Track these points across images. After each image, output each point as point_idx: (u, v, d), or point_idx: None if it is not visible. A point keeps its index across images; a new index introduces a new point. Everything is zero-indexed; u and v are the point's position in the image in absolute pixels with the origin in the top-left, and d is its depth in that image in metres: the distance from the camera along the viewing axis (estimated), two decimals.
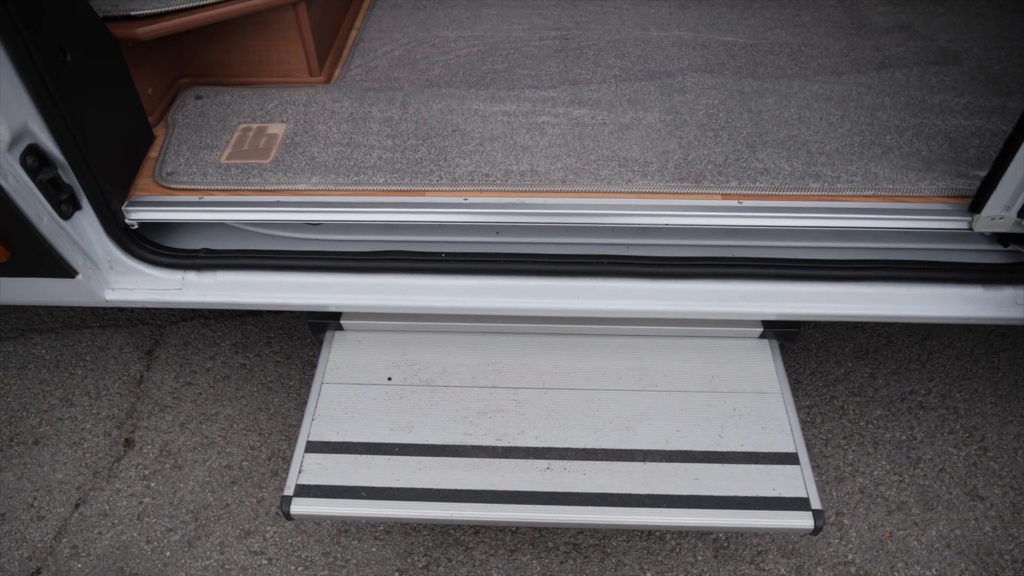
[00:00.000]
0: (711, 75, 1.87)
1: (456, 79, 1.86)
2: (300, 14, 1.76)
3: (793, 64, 1.92)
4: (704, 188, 1.52)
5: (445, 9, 2.17)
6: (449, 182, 1.54)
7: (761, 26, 2.09)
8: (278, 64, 1.86)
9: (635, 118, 1.71)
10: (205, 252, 1.63)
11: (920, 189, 1.53)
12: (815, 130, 1.68)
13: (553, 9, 2.16)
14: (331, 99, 1.80)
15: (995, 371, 2.23)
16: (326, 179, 1.56)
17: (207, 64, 1.88)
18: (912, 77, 1.89)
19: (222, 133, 1.71)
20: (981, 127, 1.71)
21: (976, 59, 1.97)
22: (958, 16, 2.17)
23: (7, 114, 1.32)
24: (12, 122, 1.33)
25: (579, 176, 1.54)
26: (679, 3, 2.20)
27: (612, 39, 2.02)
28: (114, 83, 1.55)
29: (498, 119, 1.71)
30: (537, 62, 1.92)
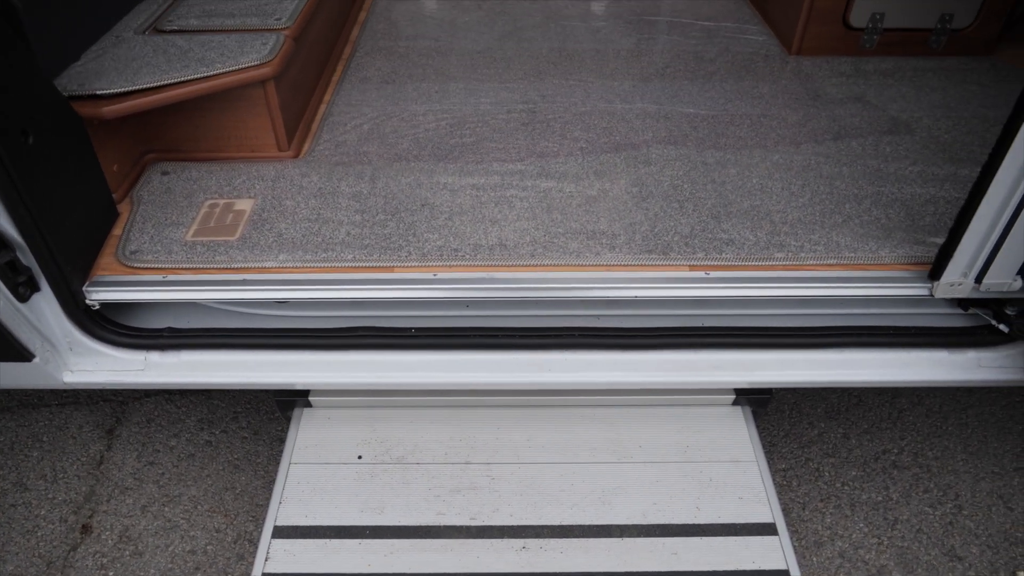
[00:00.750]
0: (675, 146, 1.91)
1: (425, 153, 1.87)
2: (269, 91, 1.78)
3: (753, 135, 1.98)
4: (671, 260, 1.53)
5: (414, 83, 2.21)
6: (418, 257, 1.54)
7: (721, 98, 2.15)
8: (246, 140, 1.87)
9: (602, 190, 1.74)
10: (169, 331, 1.60)
11: (880, 257, 1.57)
12: (777, 200, 1.72)
13: (520, 83, 2.21)
14: (299, 174, 1.80)
15: (964, 427, 2.25)
16: (294, 256, 1.55)
17: (174, 140, 1.88)
18: (867, 146, 1.95)
19: (188, 209, 1.70)
20: (935, 195, 1.76)
21: (926, 128, 2.05)
22: (907, 87, 2.26)
23: None
24: None
25: (548, 250, 1.55)
26: (642, 76, 2.26)
27: (578, 112, 2.06)
28: (78, 162, 1.53)
29: (467, 192, 1.73)
30: (505, 135, 1.95)
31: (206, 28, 1.89)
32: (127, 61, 1.73)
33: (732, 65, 2.35)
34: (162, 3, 2.04)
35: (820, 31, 2.42)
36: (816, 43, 2.44)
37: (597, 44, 2.46)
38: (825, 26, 2.41)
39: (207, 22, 1.91)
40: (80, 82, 1.65)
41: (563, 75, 2.26)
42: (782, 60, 2.40)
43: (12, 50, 1.35)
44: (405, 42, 2.47)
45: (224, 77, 1.70)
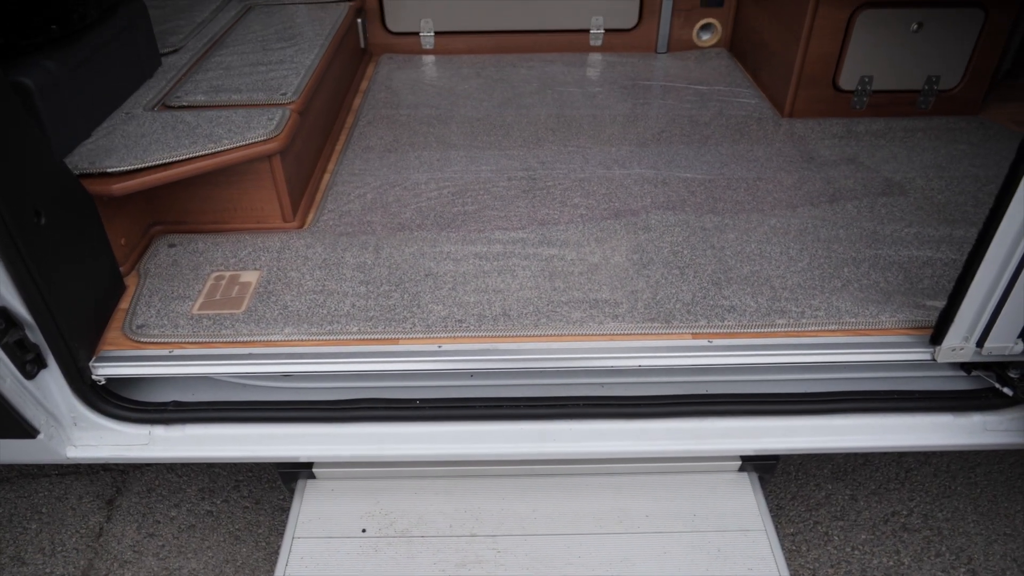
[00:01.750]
0: (673, 212, 1.94)
1: (428, 222, 1.90)
2: (275, 165, 1.82)
3: (750, 199, 2.01)
4: (674, 328, 1.55)
5: (416, 151, 2.25)
6: (423, 329, 1.55)
7: (717, 162, 2.20)
8: (252, 211, 1.90)
9: (603, 257, 1.76)
10: (174, 405, 1.60)
11: (881, 322, 1.58)
12: (776, 265, 1.74)
13: (519, 150, 2.26)
14: (304, 245, 1.83)
15: (974, 487, 2.23)
16: (299, 329, 1.56)
17: (181, 212, 1.91)
18: (863, 208, 1.99)
19: (194, 282, 1.72)
20: (932, 257, 1.79)
21: (920, 189, 2.09)
22: (898, 148, 2.31)
23: None
24: None
25: (551, 319, 1.56)
26: (639, 141, 2.31)
27: (577, 178, 2.10)
28: (87, 239, 1.56)
29: (470, 261, 1.75)
30: (506, 203, 1.98)
31: (214, 104, 1.94)
32: (137, 138, 1.78)
33: (726, 128, 2.41)
34: (171, 79, 2.10)
35: (811, 94, 2.48)
36: (807, 105, 2.50)
37: (594, 110, 2.52)
38: (815, 89, 2.47)
39: (214, 98, 1.96)
40: (91, 160, 1.68)
41: (562, 141, 2.31)
42: (775, 123, 2.46)
43: (27, 132, 1.38)
44: (406, 110, 2.53)
45: (231, 153, 1.74)
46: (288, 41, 2.34)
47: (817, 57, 2.40)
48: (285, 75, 2.07)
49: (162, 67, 2.19)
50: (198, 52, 2.29)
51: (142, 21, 2.07)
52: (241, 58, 2.22)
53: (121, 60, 1.96)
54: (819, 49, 2.39)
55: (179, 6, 2.65)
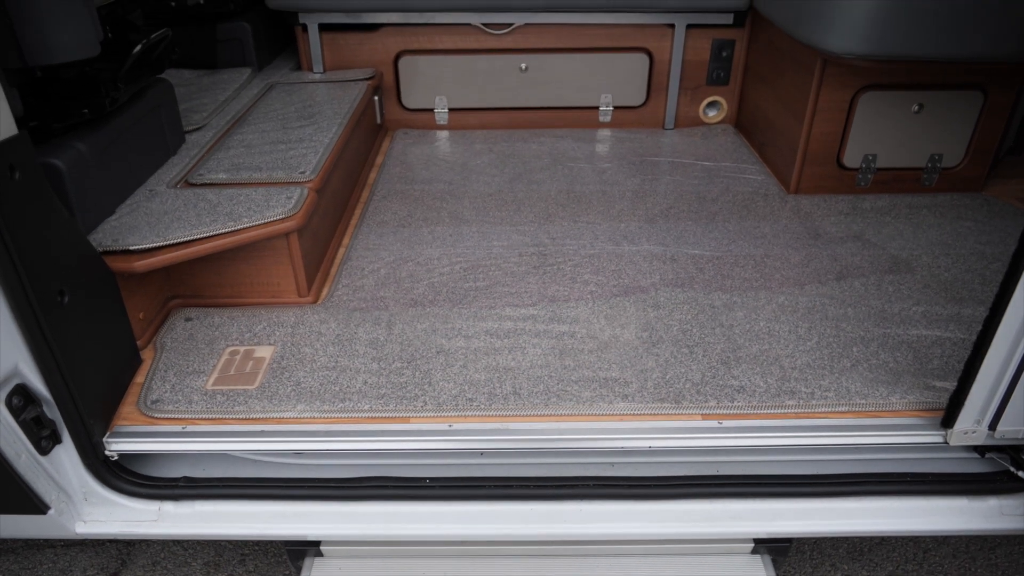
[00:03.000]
0: (682, 289, 1.97)
1: (440, 298, 1.93)
2: (292, 242, 1.86)
3: (758, 276, 2.04)
4: (684, 409, 1.55)
5: (429, 227, 2.31)
6: (434, 407, 1.56)
7: (725, 239, 2.23)
8: (268, 286, 1.94)
9: (613, 335, 1.78)
10: (185, 481, 1.60)
11: (892, 403, 1.58)
12: (785, 344, 1.76)
13: (530, 225, 2.30)
14: (318, 320, 1.86)
15: (994, 569, 2.17)
16: (311, 406, 1.57)
17: (199, 286, 1.95)
18: (870, 286, 2.00)
19: (209, 357, 1.74)
20: (941, 336, 1.79)
21: (926, 266, 2.11)
22: (904, 225, 2.35)
23: None
24: (3, 366, 1.35)
25: (561, 399, 1.57)
26: (647, 217, 2.36)
27: (587, 254, 2.14)
28: (107, 315, 1.59)
29: (481, 338, 1.77)
30: (517, 279, 2.02)
31: (234, 182, 2.01)
32: (159, 215, 1.83)
33: (733, 205, 2.45)
34: (194, 156, 2.18)
35: (816, 171, 2.53)
36: (813, 182, 2.55)
37: (603, 185, 2.58)
38: (820, 167, 2.52)
39: (235, 175, 2.03)
40: (115, 237, 1.73)
41: (572, 217, 2.36)
42: (781, 199, 2.51)
43: (55, 214, 1.43)
44: (420, 185, 2.60)
45: (250, 231, 1.79)
46: (307, 119, 2.43)
47: (821, 136, 2.46)
48: (304, 153, 2.14)
49: (186, 144, 2.27)
50: (221, 129, 2.38)
51: (168, 101, 2.16)
52: (262, 136, 2.30)
53: (147, 139, 2.04)
54: (823, 129, 2.45)
55: (203, 84, 2.76)
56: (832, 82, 2.37)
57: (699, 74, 3.03)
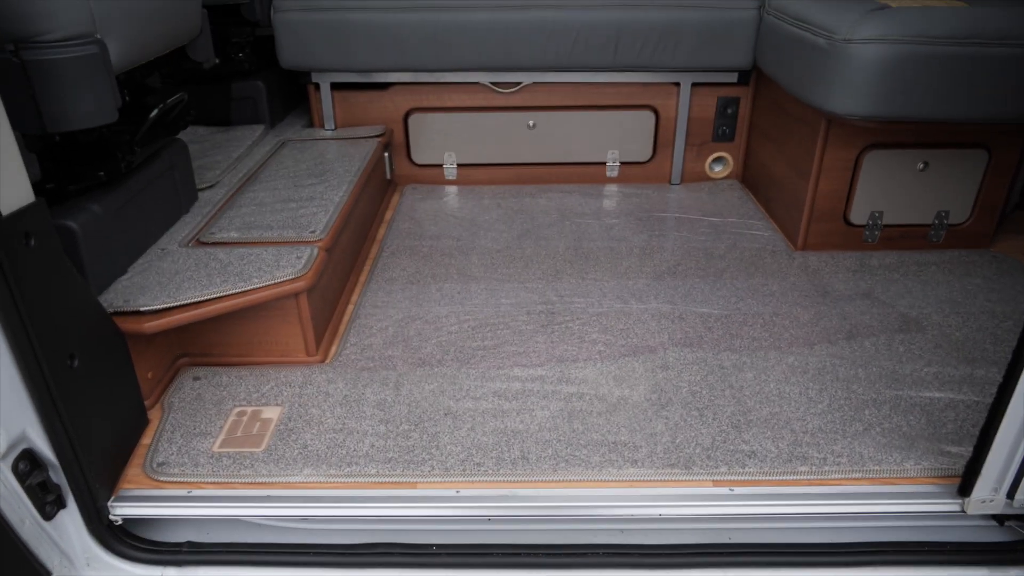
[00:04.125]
0: (691, 349, 1.96)
1: (448, 357, 1.93)
2: (301, 302, 1.87)
3: (767, 335, 2.03)
4: (694, 475, 1.53)
5: (437, 283, 2.32)
6: (441, 472, 1.55)
7: (733, 296, 2.23)
8: (276, 345, 1.94)
9: (621, 397, 1.77)
10: (188, 546, 1.58)
11: (906, 470, 1.55)
12: (796, 406, 1.74)
13: (538, 283, 2.31)
14: (326, 380, 1.85)
15: None
16: (318, 471, 1.56)
17: (208, 345, 1.95)
18: (880, 346, 1.99)
19: (217, 418, 1.74)
20: (954, 399, 1.77)
21: (936, 325, 2.10)
22: (912, 282, 2.34)
23: (6, 423, 1.34)
24: (11, 431, 1.35)
25: (570, 464, 1.56)
26: (655, 274, 2.36)
27: (595, 312, 2.14)
28: (116, 377, 1.59)
29: (489, 400, 1.76)
30: (525, 338, 2.01)
31: (245, 241, 2.03)
32: (171, 275, 1.85)
33: (741, 261, 2.46)
34: (206, 214, 2.20)
35: (822, 228, 2.54)
36: (820, 239, 2.56)
37: (611, 242, 2.60)
38: (827, 223, 2.54)
39: (246, 234, 2.05)
40: (126, 298, 1.75)
41: (579, 274, 2.37)
42: (788, 256, 2.51)
43: (68, 279, 1.45)
44: (429, 241, 2.62)
45: (260, 291, 1.80)
46: (319, 177, 2.47)
47: (827, 193, 2.48)
48: (314, 212, 2.17)
49: (198, 202, 2.30)
50: (233, 187, 2.41)
51: (183, 161, 2.20)
52: (273, 194, 2.33)
53: (161, 198, 2.07)
54: (828, 186, 2.47)
55: (217, 141, 2.81)
56: (837, 141, 2.40)
57: (705, 130, 3.07)
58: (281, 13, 2.79)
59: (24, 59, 1.51)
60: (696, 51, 2.82)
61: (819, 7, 2.30)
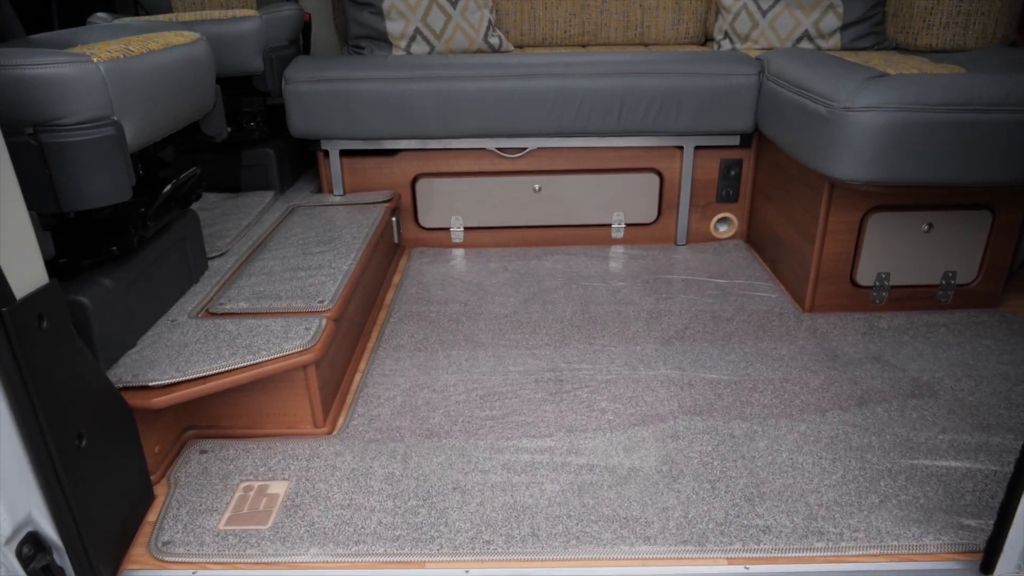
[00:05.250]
0: (701, 417, 1.94)
1: (456, 428, 1.92)
2: (309, 374, 1.87)
3: (778, 402, 2.01)
4: (708, 552, 1.50)
5: (445, 351, 2.32)
6: (450, 550, 1.52)
7: (742, 362, 2.22)
8: (284, 417, 1.93)
9: (632, 469, 1.74)
10: None
11: (925, 545, 1.52)
12: (810, 478, 1.71)
13: (546, 349, 2.31)
14: (333, 453, 1.84)
15: None
16: (325, 549, 1.53)
17: (215, 417, 1.95)
18: (893, 412, 1.97)
19: (223, 493, 1.72)
20: (971, 468, 1.74)
21: (949, 390, 2.07)
22: (922, 344, 2.33)
23: (12, 507, 1.33)
24: (16, 515, 1.34)
25: (580, 541, 1.53)
26: (663, 339, 2.36)
27: (604, 379, 2.13)
28: (123, 455, 1.58)
29: (498, 473, 1.74)
30: (533, 407, 2.00)
31: (254, 311, 2.04)
32: (179, 347, 1.85)
33: (749, 325, 2.46)
34: (216, 284, 2.22)
35: (829, 289, 2.54)
36: (827, 301, 2.56)
37: (618, 305, 2.60)
38: (834, 285, 2.54)
39: (255, 305, 2.06)
40: (135, 372, 1.75)
41: (587, 339, 2.37)
42: (796, 318, 2.51)
43: (78, 357, 1.45)
44: (436, 306, 2.63)
45: (269, 364, 1.80)
46: (327, 245, 2.49)
47: (833, 256, 2.49)
48: (323, 282, 2.19)
49: (208, 271, 2.32)
50: (242, 255, 2.44)
51: (194, 232, 2.23)
52: (282, 262, 2.36)
53: (172, 269, 2.09)
54: (834, 248, 2.48)
55: (227, 208, 2.86)
56: (840, 203, 2.42)
57: (709, 192, 3.11)
58: (292, 84, 2.87)
59: (43, 141, 1.55)
60: (698, 116, 2.87)
61: (817, 74, 2.34)
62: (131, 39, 1.80)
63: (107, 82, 1.59)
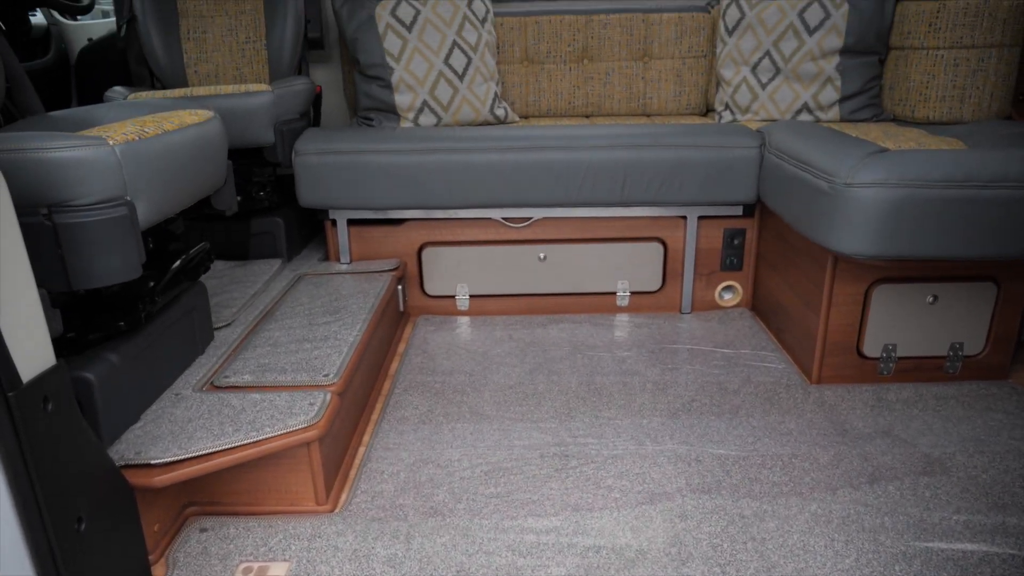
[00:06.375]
0: (709, 496, 1.91)
1: (460, 506, 1.89)
2: (313, 451, 1.86)
3: (788, 479, 1.98)
4: None
5: (449, 423, 2.30)
6: None
7: (750, 436, 2.19)
8: (285, 494, 1.91)
9: (640, 551, 1.70)
10: None
11: None
12: (822, 562, 1.67)
13: (551, 422, 2.29)
14: (335, 532, 1.81)
15: None
16: None
17: (216, 493, 1.92)
18: (905, 491, 1.93)
19: (222, 574, 1.68)
20: (988, 552, 1.70)
21: (961, 467, 2.04)
22: (932, 417, 2.30)
23: None
24: None
25: None
26: (669, 412, 2.34)
27: (610, 454, 2.10)
28: (122, 536, 1.56)
29: (503, 555, 1.70)
30: (539, 484, 1.97)
31: (259, 385, 2.04)
32: (183, 423, 1.84)
33: (756, 397, 2.44)
34: (221, 355, 2.22)
35: (836, 361, 2.53)
36: (834, 372, 2.54)
37: (624, 376, 2.59)
38: (840, 356, 2.52)
39: (260, 378, 2.06)
40: (137, 449, 1.74)
41: (593, 412, 2.35)
42: (804, 390, 2.49)
43: (82, 437, 1.45)
44: (441, 376, 2.62)
45: (272, 441, 1.79)
46: (333, 315, 2.50)
47: (838, 327, 2.49)
48: (328, 354, 2.19)
49: (214, 342, 2.33)
50: (249, 325, 2.45)
51: (201, 303, 2.24)
52: (288, 333, 2.36)
53: (178, 342, 2.10)
54: (839, 320, 2.48)
55: (235, 276, 2.88)
56: (844, 275, 2.43)
57: (713, 261, 3.12)
58: (302, 156, 2.93)
59: (56, 222, 1.57)
60: (701, 187, 2.91)
61: (818, 149, 2.38)
62: (147, 119, 1.85)
63: (122, 164, 1.62)
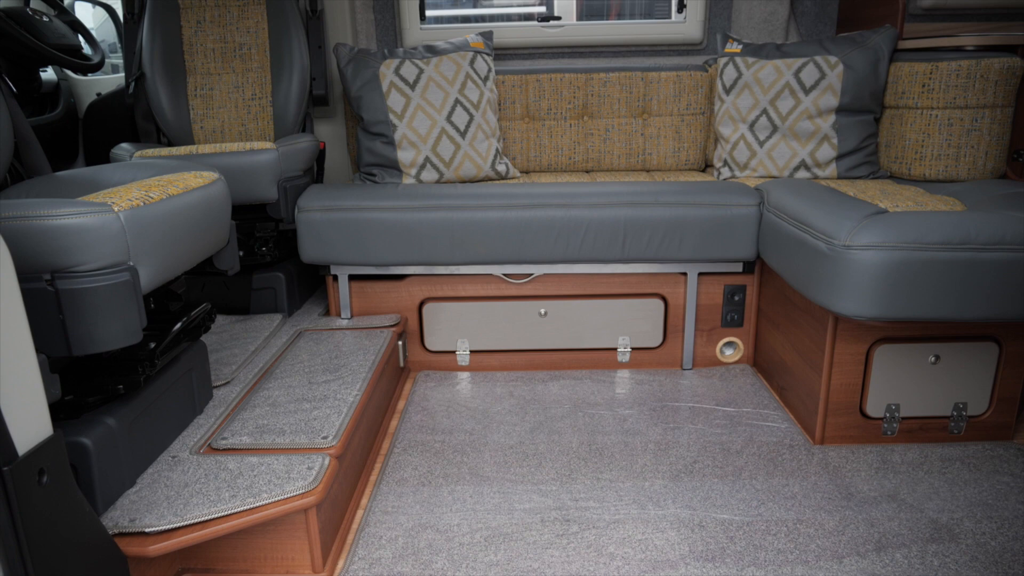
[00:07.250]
0: (713, 564, 1.87)
1: (459, 575, 1.85)
2: (310, 518, 1.83)
3: (792, 547, 1.94)
4: None
5: (449, 486, 2.27)
6: None
7: (754, 500, 2.16)
8: (282, 560, 1.87)
9: None
10: None
11: None
12: None
13: (552, 485, 2.26)
14: None
15: None
16: None
17: (211, 559, 1.89)
18: (913, 559, 1.90)
19: None
20: None
21: (970, 532, 2.01)
22: (938, 481, 2.27)
23: None
24: None
25: None
26: (671, 474, 2.31)
27: (611, 519, 2.07)
28: None
29: None
30: (539, 551, 1.94)
31: (257, 447, 2.02)
32: (179, 488, 1.82)
33: (759, 458, 2.41)
34: (219, 415, 2.21)
35: (839, 421, 2.51)
36: (837, 432, 2.52)
37: (625, 436, 2.56)
38: (843, 416, 2.50)
39: (258, 440, 2.04)
40: (132, 516, 1.71)
41: (595, 473, 2.32)
42: (807, 451, 2.46)
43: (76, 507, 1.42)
44: (441, 435, 2.59)
45: (269, 508, 1.76)
46: (333, 373, 2.49)
47: (841, 387, 2.47)
48: (327, 415, 2.17)
49: (212, 401, 2.31)
50: (248, 384, 2.44)
51: (201, 362, 2.24)
52: (287, 392, 2.35)
53: (176, 403, 2.09)
54: (841, 380, 2.47)
55: (235, 332, 2.88)
56: (846, 336, 2.43)
57: (713, 317, 3.13)
58: (305, 212, 2.95)
59: (58, 288, 1.58)
60: (701, 244, 2.92)
61: (817, 209, 2.40)
62: (152, 183, 1.87)
63: (126, 230, 1.64)
